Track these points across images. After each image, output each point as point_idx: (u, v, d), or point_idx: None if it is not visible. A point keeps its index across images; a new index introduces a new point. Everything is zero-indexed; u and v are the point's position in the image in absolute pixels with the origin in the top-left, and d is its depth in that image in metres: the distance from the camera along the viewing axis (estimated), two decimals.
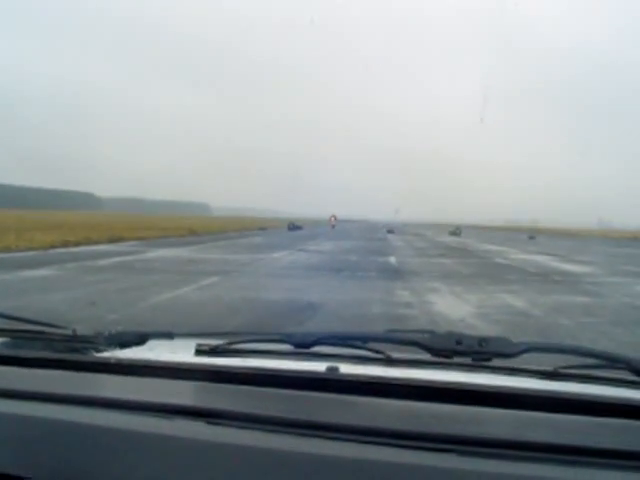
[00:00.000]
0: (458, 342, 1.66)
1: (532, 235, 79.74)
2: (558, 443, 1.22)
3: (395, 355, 1.75)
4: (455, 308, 13.41)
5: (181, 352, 1.88)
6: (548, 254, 37.60)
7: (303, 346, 1.76)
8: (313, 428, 1.27)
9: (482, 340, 1.66)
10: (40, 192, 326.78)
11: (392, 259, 29.08)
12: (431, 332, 1.73)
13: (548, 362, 1.72)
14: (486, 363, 1.67)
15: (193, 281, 16.80)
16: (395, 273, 21.67)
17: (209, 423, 1.30)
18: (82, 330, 1.90)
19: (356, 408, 1.43)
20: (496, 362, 1.68)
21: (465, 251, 39.34)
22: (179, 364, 1.69)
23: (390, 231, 79.68)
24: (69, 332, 1.89)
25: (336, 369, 1.65)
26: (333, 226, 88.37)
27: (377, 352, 1.74)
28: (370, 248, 38.58)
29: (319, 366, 1.69)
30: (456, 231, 77.80)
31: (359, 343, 1.77)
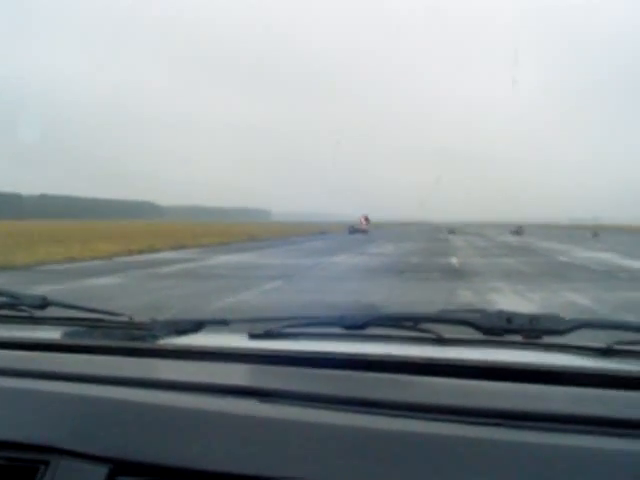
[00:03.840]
0: (509, 320, 1.65)
1: (595, 232, 78.32)
2: (611, 417, 1.21)
3: (446, 335, 1.74)
4: (518, 307, 13.26)
5: (235, 337, 1.90)
6: (612, 251, 36.85)
7: (355, 328, 1.76)
8: (366, 405, 1.29)
9: (533, 318, 1.65)
10: (103, 203, 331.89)
11: (453, 260, 28.86)
12: (482, 311, 1.73)
13: (600, 339, 1.68)
14: (537, 341, 1.67)
15: (255, 286, 16.90)
16: (457, 274, 21.52)
17: (262, 401, 1.32)
18: (139, 317, 1.97)
19: (408, 387, 1.44)
20: (547, 339, 1.67)
21: (527, 250, 38.85)
22: (234, 348, 1.73)
23: (451, 232, 79.21)
24: (126, 319, 1.96)
25: (388, 350, 1.66)
26: (364, 231, 68.49)
27: (428, 332, 1.74)
28: (431, 249, 38.36)
29: (371, 347, 1.72)
30: (518, 230, 76.86)
31: (410, 324, 1.77)
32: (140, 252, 33.02)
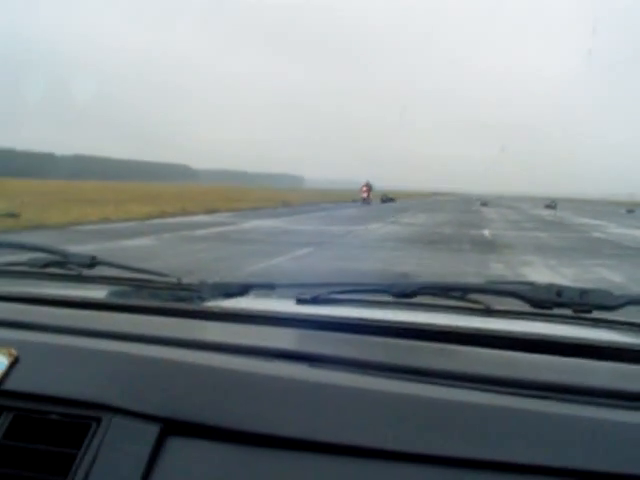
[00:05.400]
0: (558, 294, 1.63)
1: (631, 209, 77.57)
2: None
3: (495, 306, 1.74)
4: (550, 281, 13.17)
5: (283, 301, 1.91)
6: None
7: (403, 296, 1.75)
8: (414, 373, 1.30)
9: (583, 292, 1.63)
10: (138, 165, 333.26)
11: (486, 232, 28.71)
12: (531, 284, 1.71)
13: None
14: (586, 315, 1.64)
15: (287, 251, 16.94)
16: (489, 246, 21.43)
17: (312, 366, 1.34)
18: (187, 279, 1.97)
19: (456, 356, 1.46)
20: (596, 314, 1.64)
21: (561, 225, 38.56)
22: (281, 313, 1.73)
23: (484, 204, 78.76)
24: (174, 280, 1.96)
25: (436, 319, 1.67)
26: (365, 200, 61.18)
27: (477, 303, 1.74)
28: (463, 220, 38.17)
29: (419, 316, 1.72)
30: (551, 204, 76.23)
31: (459, 294, 1.76)
32: (173, 214, 33.19)
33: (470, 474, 1.06)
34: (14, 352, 1.32)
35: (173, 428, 1.19)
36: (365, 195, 62.42)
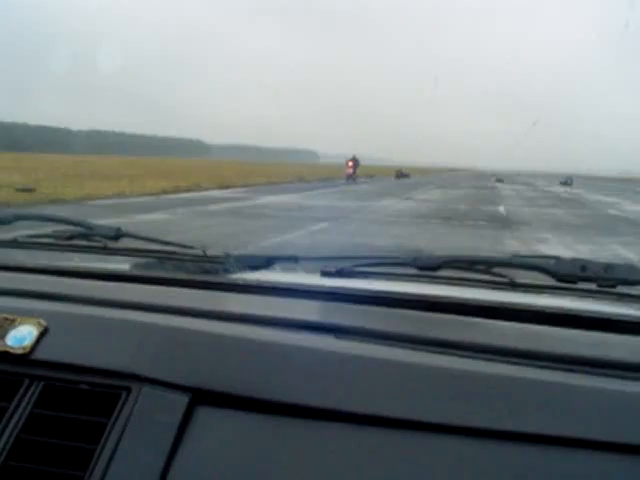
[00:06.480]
0: (583, 268, 1.63)
1: None
2: None
3: (519, 280, 1.71)
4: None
5: (307, 274, 1.91)
6: None
7: (428, 269, 1.75)
8: (437, 345, 1.31)
9: (608, 267, 1.63)
10: (153, 139, 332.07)
11: (501, 208, 28.68)
12: (556, 258, 1.71)
13: None
14: (611, 290, 1.63)
15: (301, 227, 17.00)
16: (504, 222, 21.40)
17: (337, 337, 1.34)
18: (212, 251, 1.96)
19: (481, 329, 1.46)
20: (621, 289, 1.64)
21: (576, 202, 38.45)
22: (306, 285, 1.73)
23: (499, 180, 78.60)
24: (199, 252, 1.95)
25: (460, 292, 1.66)
26: (350, 177, 53.29)
27: (501, 276, 1.72)
28: (478, 197, 38.12)
29: (443, 289, 1.71)
30: (567, 181, 75.87)
31: (483, 267, 1.75)
32: (187, 190, 33.24)
33: (494, 445, 1.07)
34: (43, 322, 1.34)
35: (202, 398, 1.20)
36: (350, 171, 54.45)
